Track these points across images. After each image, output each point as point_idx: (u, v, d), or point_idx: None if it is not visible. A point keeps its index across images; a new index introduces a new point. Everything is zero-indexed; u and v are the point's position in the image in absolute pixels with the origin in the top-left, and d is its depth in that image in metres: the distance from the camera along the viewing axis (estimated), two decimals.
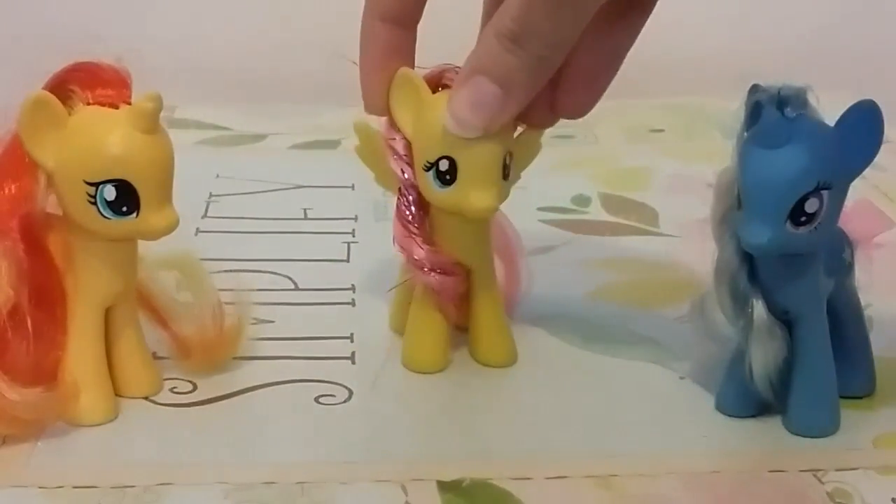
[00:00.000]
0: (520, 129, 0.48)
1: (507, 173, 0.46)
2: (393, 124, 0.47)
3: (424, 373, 0.49)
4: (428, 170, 0.46)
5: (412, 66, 0.47)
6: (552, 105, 0.47)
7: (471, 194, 0.45)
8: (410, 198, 0.47)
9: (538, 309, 0.54)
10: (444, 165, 0.45)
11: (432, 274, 0.47)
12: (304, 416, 0.46)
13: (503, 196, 0.46)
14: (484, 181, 0.45)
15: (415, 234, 0.47)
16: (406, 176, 0.47)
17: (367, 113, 0.48)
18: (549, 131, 0.49)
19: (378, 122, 0.49)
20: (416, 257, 0.47)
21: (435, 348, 0.49)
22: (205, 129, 0.79)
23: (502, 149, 0.45)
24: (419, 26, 0.47)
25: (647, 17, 0.47)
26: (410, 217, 0.48)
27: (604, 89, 0.48)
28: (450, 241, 0.48)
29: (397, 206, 0.48)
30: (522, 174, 0.50)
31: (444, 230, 0.48)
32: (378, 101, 0.47)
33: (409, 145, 0.47)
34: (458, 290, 0.48)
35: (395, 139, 0.47)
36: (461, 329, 0.50)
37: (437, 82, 0.47)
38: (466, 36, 0.45)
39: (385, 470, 0.43)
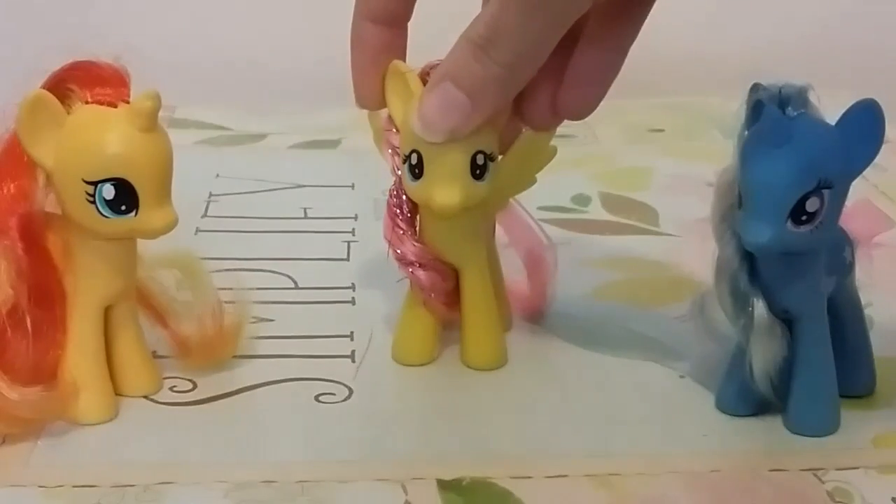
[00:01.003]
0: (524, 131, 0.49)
1: (478, 173, 0.45)
2: (391, 117, 0.48)
3: (410, 365, 0.49)
4: (404, 163, 0.46)
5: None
6: (554, 106, 0.47)
7: (434, 190, 0.45)
8: (402, 192, 0.47)
9: None
10: (414, 159, 0.45)
11: (414, 269, 0.47)
12: (304, 414, 0.46)
13: (473, 195, 0.45)
14: (447, 178, 0.45)
15: (400, 228, 0.47)
16: (398, 170, 0.47)
17: (359, 106, 0.48)
18: None
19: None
20: (399, 251, 0.47)
21: (421, 342, 0.49)
22: (205, 128, 0.79)
23: (470, 147, 0.45)
24: (417, 25, 0.47)
25: (648, 11, 0.46)
26: (398, 211, 0.48)
27: (606, 88, 0.47)
28: (434, 237, 0.48)
29: (388, 200, 0.48)
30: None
31: (429, 226, 0.48)
32: (370, 99, 0.47)
33: None
34: (440, 287, 0.48)
35: (391, 131, 0.48)
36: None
37: (427, 78, 0.46)
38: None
39: (385, 469, 0.43)
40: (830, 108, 0.43)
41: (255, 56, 0.88)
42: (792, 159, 0.41)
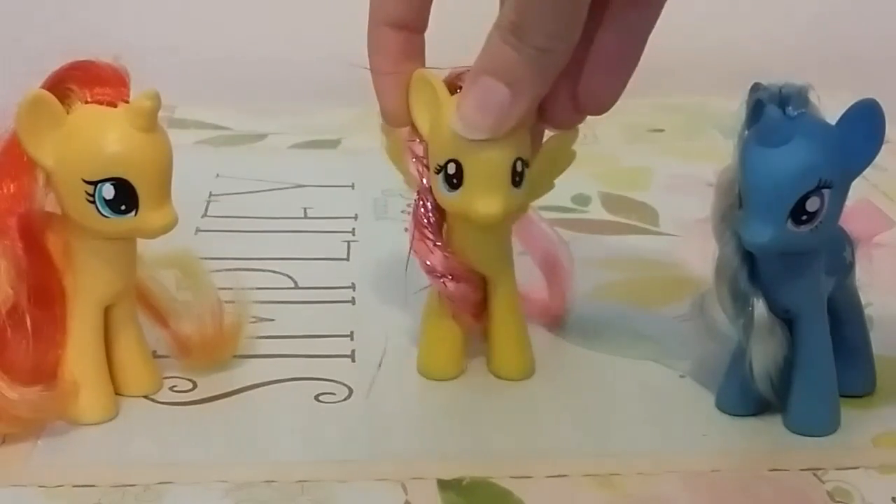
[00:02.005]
0: (547, 135, 0.48)
1: (517, 180, 0.45)
2: (414, 127, 0.47)
3: (438, 380, 0.49)
4: (438, 173, 0.45)
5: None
6: (575, 100, 0.46)
7: (476, 200, 0.44)
8: (428, 202, 0.47)
9: None
10: (451, 169, 0.44)
11: (444, 280, 0.47)
12: (303, 414, 0.46)
13: (513, 203, 0.45)
14: (489, 187, 0.44)
15: (429, 239, 0.47)
16: (424, 180, 0.47)
17: (387, 124, 0.47)
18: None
19: None
20: (428, 262, 0.47)
21: (449, 356, 0.49)
22: (205, 128, 0.79)
23: (510, 154, 0.44)
24: (432, 29, 0.47)
25: None
26: (427, 222, 0.47)
27: (626, 78, 0.46)
28: (465, 247, 0.47)
29: (414, 211, 0.47)
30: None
31: (459, 236, 0.47)
32: (396, 109, 0.46)
33: (427, 148, 0.46)
34: (471, 298, 0.48)
35: (414, 141, 0.47)
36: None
37: (453, 85, 0.46)
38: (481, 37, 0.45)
39: (385, 468, 0.43)
40: (830, 108, 0.43)
41: (254, 56, 0.88)
42: (792, 159, 0.41)
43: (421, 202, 0.47)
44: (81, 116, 0.42)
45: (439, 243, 0.47)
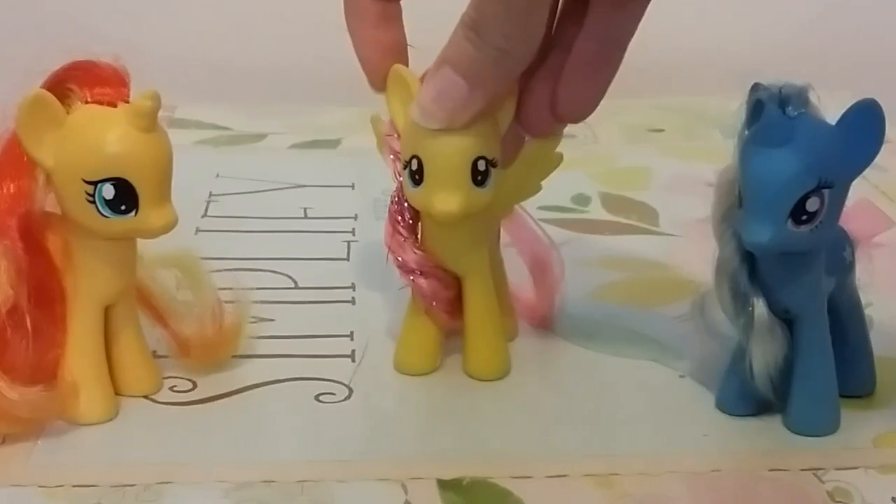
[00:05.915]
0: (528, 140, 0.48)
1: (480, 179, 0.45)
2: (392, 122, 0.47)
3: (412, 375, 0.49)
4: (405, 168, 0.45)
5: (403, 36, 0.46)
6: (553, 107, 0.46)
7: (434, 196, 0.44)
8: (404, 199, 0.47)
9: None
10: (414, 164, 0.45)
11: (415, 277, 0.47)
12: (303, 414, 0.46)
13: (474, 202, 0.45)
14: (447, 184, 0.44)
15: (402, 235, 0.47)
16: (399, 176, 0.47)
17: (374, 91, 0.47)
18: None
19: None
20: (400, 259, 0.47)
21: (423, 351, 0.49)
22: (205, 128, 0.79)
23: (470, 152, 0.44)
24: (419, 25, 0.47)
25: (647, 2, 0.46)
26: (400, 218, 0.47)
27: (605, 86, 0.46)
28: (438, 245, 0.47)
29: (389, 207, 0.48)
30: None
31: (430, 233, 0.47)
32: (376, 74, 0.46)
33: None
34: (441, 295, 0.48)
35: (392, 136, 0.47)
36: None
37: None
38: None
39: (385, 468, 0.43)
40: (830, 108, 0.43)
41: (255, 56, 0.88)
42: (792, 159, 0.41)
43: (396, 198, 0.47)
44: (81, 116, 0.42)
45: (412, 240, 0.47)
